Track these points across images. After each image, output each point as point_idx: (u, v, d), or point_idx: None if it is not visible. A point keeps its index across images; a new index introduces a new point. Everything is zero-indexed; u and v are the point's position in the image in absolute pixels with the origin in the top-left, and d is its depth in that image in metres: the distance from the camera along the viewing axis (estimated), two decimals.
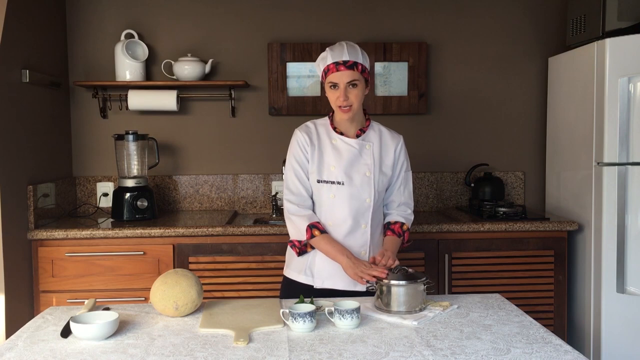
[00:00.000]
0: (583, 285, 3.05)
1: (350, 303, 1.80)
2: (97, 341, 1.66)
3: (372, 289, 1.96)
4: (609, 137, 2.86)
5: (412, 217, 2.33)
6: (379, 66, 3.49)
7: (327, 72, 2.15)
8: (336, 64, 2.12)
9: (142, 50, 3.36)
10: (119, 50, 3.30)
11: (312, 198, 2.25)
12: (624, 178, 2.87)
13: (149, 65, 3.45)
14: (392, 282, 1.88)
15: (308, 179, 2.23)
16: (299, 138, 2.24)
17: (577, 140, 3.12)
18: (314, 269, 2.21)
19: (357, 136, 2.23)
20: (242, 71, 3.49)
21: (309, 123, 2.30)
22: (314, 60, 3.40)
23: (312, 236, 2.16)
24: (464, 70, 3.57)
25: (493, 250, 3.01)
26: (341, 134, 2.23)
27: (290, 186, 2.24)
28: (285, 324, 1.77)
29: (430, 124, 3.58)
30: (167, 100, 3.33)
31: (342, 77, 2.12)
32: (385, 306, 1.89)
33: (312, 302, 1.87)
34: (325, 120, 2.28)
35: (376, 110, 3.48)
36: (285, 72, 3.45)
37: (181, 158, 3.52)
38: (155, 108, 3.36)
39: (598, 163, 2.91)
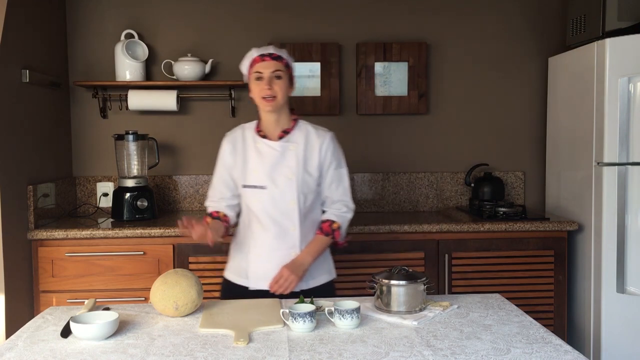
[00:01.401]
0: (583, 285, 3.05)
1: (350, 303, 1.80)
2: (97, 341, 1.66)
3: (372, 290, 1.96)
4: (609, 137, 2.86)
5: (348, 215, 2.31)
6: (379, 66, 3.49)
7: (252, 64, 2.20)
8: (261, 55, 2.19)
9: (142, 50, 3.36)
10: (119, 50, 3.30)
11: (234, 200, 2.31)
12: (624, 178, 2.87)
13: (149, 65, 3.45)
14: (392, 282, 1.88)
15: (235, 185, 2.29)
16: (223, 149, 2.31)
17: (577, 140, 3.12)
18: (249, 271, 2.25)
19: (280, 138, 2.24)
20: None
21: (237, 128, 2.34)
22: (314, 60, 3.45)
23: (207, 223, 2.25)
24: (464, 70, 3.57)
25: (493, 250, 3.02)
26: (265, 137, 2.25)
27: (211, 188, 2.35)
28: (285, 324, 1.77)
29: (430, 124, 3.58)
30: (167, 100, 3.33)
31: (267, 66, 2.18)
32: (385, 306, 1.89)
33: (312, 302, 1.87)
34: (254, 123, 2.31)
35: (376, 110, 3.48)
36: None
37: (181, 158, 3.52)
38: (155, 108, 3.36)
39: (598, 163, 2.91)
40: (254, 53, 2.22)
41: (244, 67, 2.26)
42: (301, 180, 2.21)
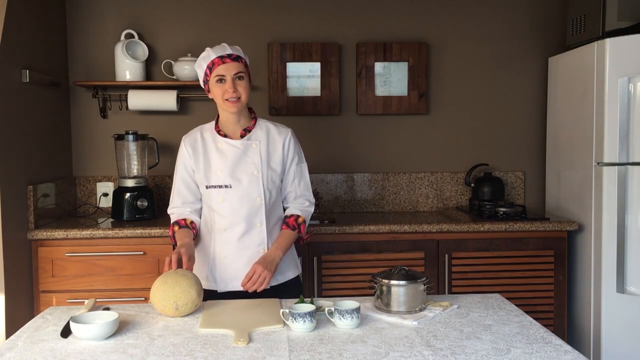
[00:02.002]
0: (583, 285, 3.05)
1: (350, 303, 1.80)
2: (97, 341, 1.66)
3: (372, 290, 1.96)
4: (609, 137, 2.86)
5: (311, 209, 2.33)
6: (379, 66, 3.49)
7: (211, 67, 2.17)
8: (221, 57, 2.15)
9: (142, 50, 3.36)
10: (119, 50, 3.30)
11: (197, 204, 2.29)
12: (624, 178, 2.87)
13: (149, 65, 3.45)
14: (392, 282, 1.88)
15: (197, 187, 2.27)
16: (182, 151, 2.29)
17: (577, 140, 3.12)
18: (216, 274, 2.23)
19: (242, 137, 2.24)
20: None
21: (195, 130, 2.32)
22: (314, 60, 3.45)
23: (174, 232, 2.25)
24: (464, 70, 3.57)
25: (493, 250, 3.02)
26: (225, 136, 2.24)
27: (173, 193, 2.32)
28: (285, 324, 1.77)
29: (430, 124, 3.58)
30: (167, 100, 3.33)
31: (229, 69, 2.15)
32: (385, 306, 1.89)
33: (312, 302, 1.87)
34: (212, 124, 2.30)
35: (376, 110, 3.48)
36: (285, 72, 3.45)
37: None
38: (155, 108, 3.36)
39: (598, 163, 2.91)
40: (211, 55, 2.17)
41: (200, 68, 2.22)
42: (266, 176, 2.21)
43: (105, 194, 3.46)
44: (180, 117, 3.50)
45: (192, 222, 2.27)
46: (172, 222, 2.29)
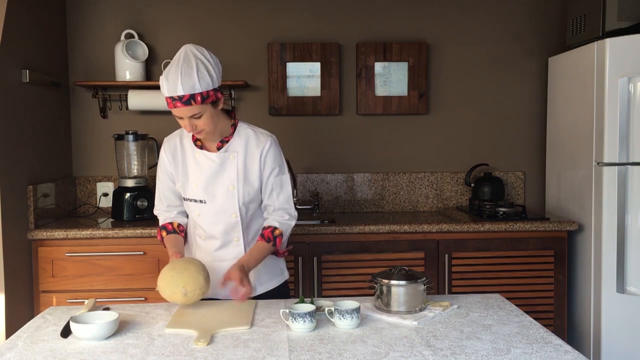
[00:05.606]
0: (583, 285, 3.05)
1: (350, 303, 1.80)
2: (97, 341, 1.66)
3: (372, 290, 1.95)
4: (609, 137, 2.86)
5: (291, 223, 2.15)
6: (379, 66, 3.49)
7: (167, 99, 1.95)
8: (172, 98, 1.91)
9: (142, 50, 3.36)
10: (119, 50, 3.30)
11: (183, 207, 2.19)
12: (624, 178, 2.87)
13: (149, 65, 3.45)
14: (392, 282, 1.88)
15: (179, 193, 2.17)
16: (162, 158, 2.16)
17: (577, 140, 3.12)
18: None
19: (219, 148, 2.09)
20: (242, 71, 3.49)
21: (175, 135, 2.18)
22: (314, 60, 3.45)
23: (162, 237, 2.18)
24: (464, 70, 3.57)
25: (493, 250, 3.02)
26: (202, 147, 2.11)
27: (157, 197, 2.22)
28: (251, 325, 1.77)
29: (430, 124, 3.58)
30: None
31: (181, 112, 1.94)
32: (385, 306, 1.89)
33: (312, 302, 1.87)
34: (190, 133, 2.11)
35: (376, 110, 3.48)
36: (285, 72, 3.45)
37: None
38: (155, 108, 3.36)
39: (598, 163, 2.91)
40: (164, 89, 1.93)
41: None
42: (242, 191, 2.09)
43: (105, 194, 3.46)
44: None
45: (179, 225, 2.20)
46: (159, 225, 2.21)
